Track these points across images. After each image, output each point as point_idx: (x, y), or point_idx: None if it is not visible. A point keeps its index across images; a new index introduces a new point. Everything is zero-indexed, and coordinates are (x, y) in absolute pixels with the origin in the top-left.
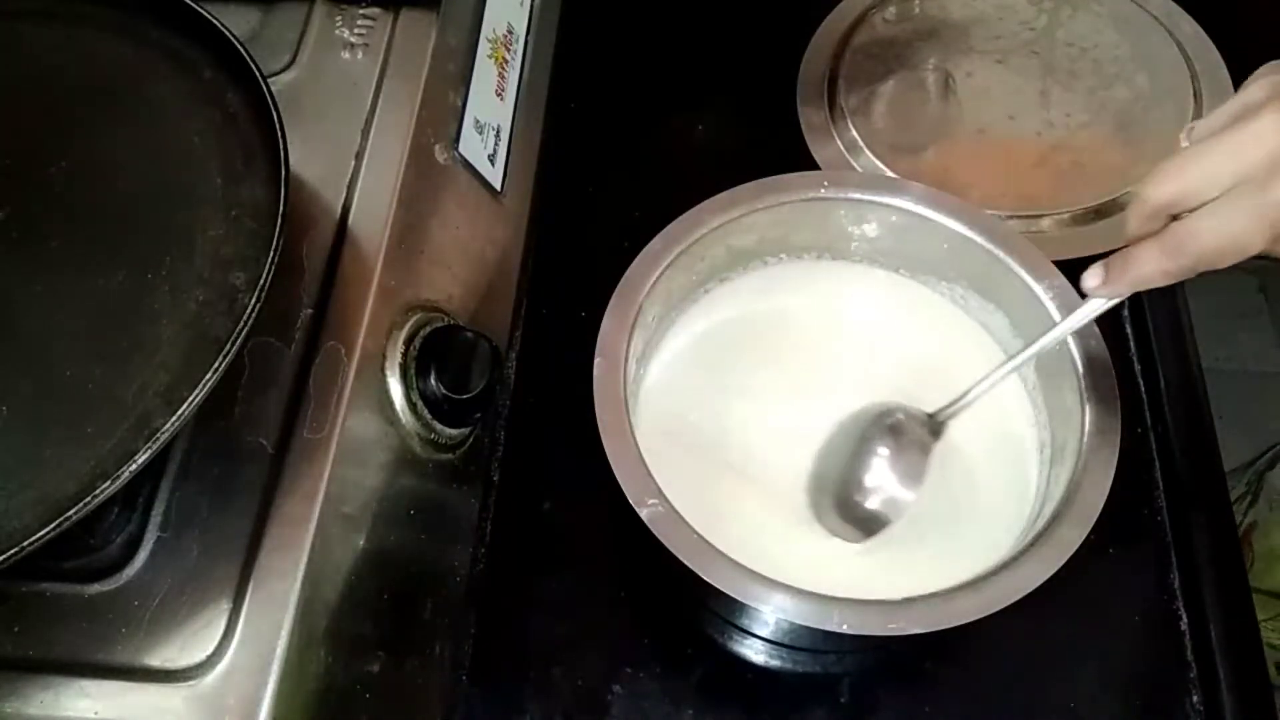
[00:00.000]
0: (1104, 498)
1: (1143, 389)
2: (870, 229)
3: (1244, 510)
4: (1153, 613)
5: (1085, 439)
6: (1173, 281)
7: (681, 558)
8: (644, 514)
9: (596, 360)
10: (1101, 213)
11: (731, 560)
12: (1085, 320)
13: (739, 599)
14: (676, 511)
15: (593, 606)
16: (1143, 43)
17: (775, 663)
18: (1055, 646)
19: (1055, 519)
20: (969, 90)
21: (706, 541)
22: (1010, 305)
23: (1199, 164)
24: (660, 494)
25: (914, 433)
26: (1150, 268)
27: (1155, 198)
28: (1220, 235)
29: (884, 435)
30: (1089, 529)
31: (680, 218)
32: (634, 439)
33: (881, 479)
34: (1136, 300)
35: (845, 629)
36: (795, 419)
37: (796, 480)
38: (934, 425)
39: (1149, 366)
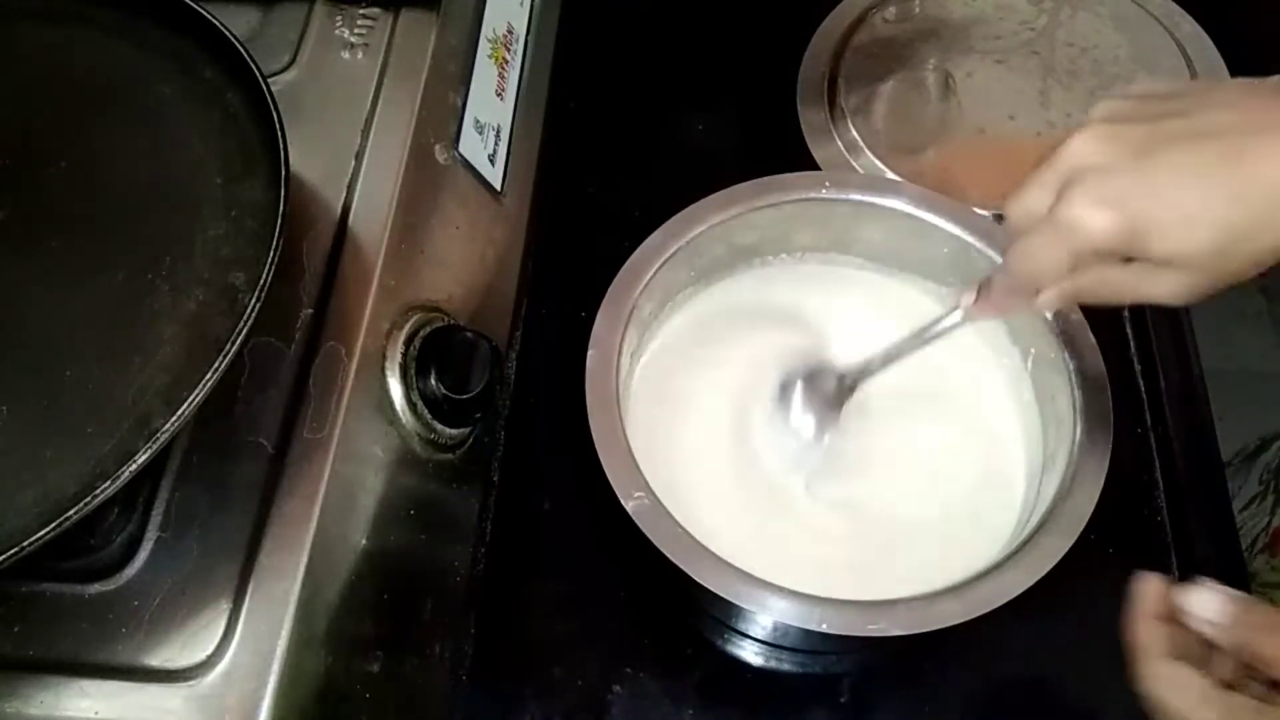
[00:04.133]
0: (1091, 508)
1: (1143, 389)
2: (871, 230)
3: (1270, 509)
4: None
5: (1076, 449)
6: (1019, 307)
7: (665, 551)
8: (630, 506)
9: (590, 353)
10: None
11: (715, 556)
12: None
13: (722, 595)
14: (662, 505)
15: (593, 606)
16: (1143, 43)
17: (775, 663)
18: (1055, 647)
19: (1042, 527)
20: (969, 90)
21: (691, 536)
22: None
23: (1023, 193)
24: (648, 488)
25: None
26: (997, 288)
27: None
28: (1022, 259)
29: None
30: (1074, 538)
31: (679, 214)
32: (624, 433)
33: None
34: None
35: (825, 628)
36: (785, 413)
37: (786, 470)
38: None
39: (1149, 366)
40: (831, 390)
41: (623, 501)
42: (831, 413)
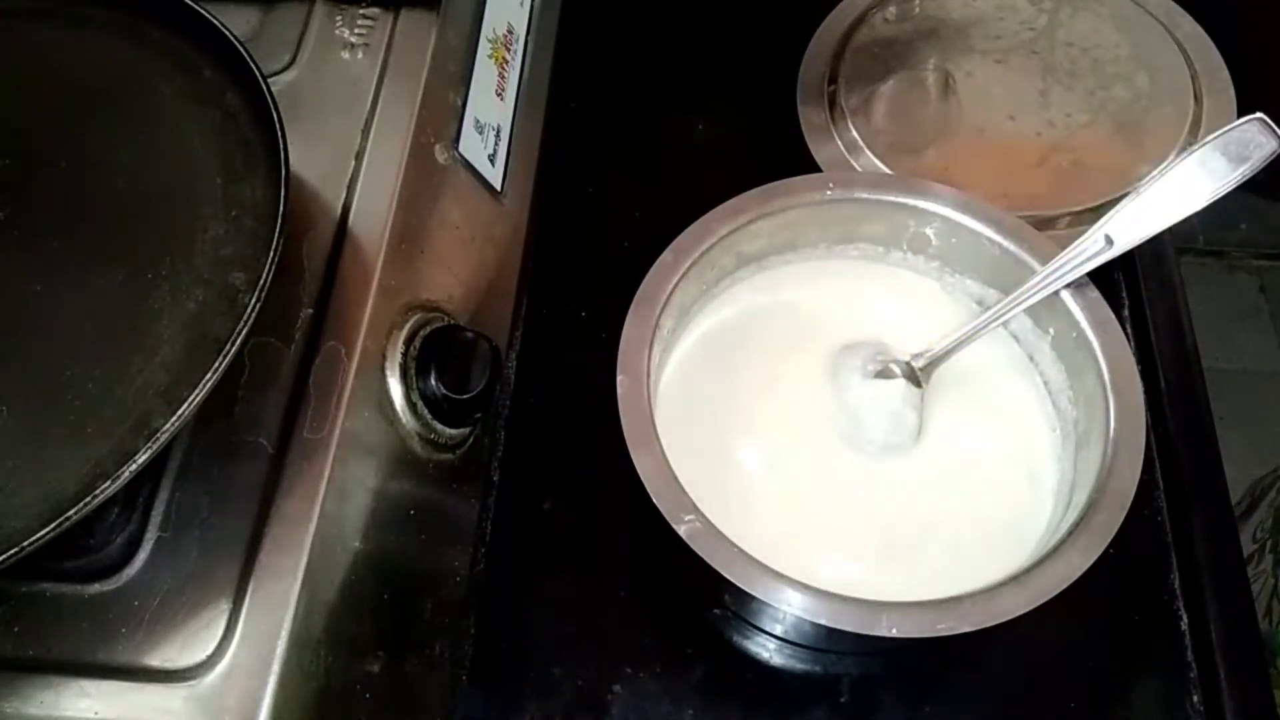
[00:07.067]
0: (1136, 481)
1: (1143, 389)
2: (877, 228)
3: (1271, 569)
4: (1153, 613)
5: (1112, 423)
6: None
7: (725, 573)
8: (682, 531)
9: (619, 379)
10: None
11: (774, 572)
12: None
13: (785, 609)
14: (714, 526)
15: (593, 606)
16: (1143, 43)
17: (776, 662)
18: (1054, 646)
19: (1091, 505)
20: (969, 90)
21: (749, 556)
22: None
23: None
24: (695, 509)
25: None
26: None
27: None
28: None
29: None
30: (1125, 512)
31: (690, 228)
32: (664, 455)
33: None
34: (1136, 300)
35: (894, 632)
36: (803, 407)
37: (810, 469)
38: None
39: (1149, 366)
40: (908, 375)
41: (674, 526)
42: (915, 395)
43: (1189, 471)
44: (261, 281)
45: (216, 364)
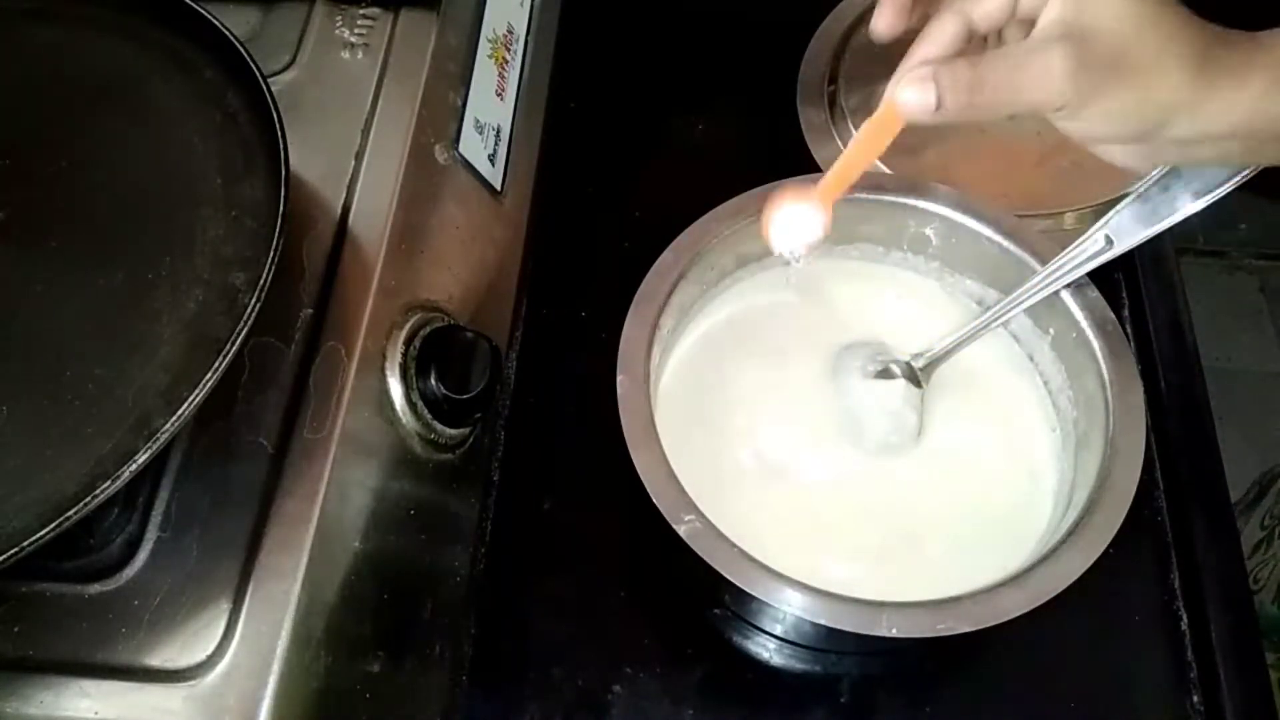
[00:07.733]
0: (1135, 481)
1: (1143, 389)
2: (877, 228)
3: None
4: (1153, 613)
5: (1112, 424)
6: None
7: (725, 573)
8: (682, 531)
9: (620, 379)
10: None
11: (774, 572)
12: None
13: (785, 609)
14: (714, 526)
15: (593, 606)
16: None
17: (776, 662)
18: (1054, 646)
19: (1090, 507)
20: None
21: (749, 556)
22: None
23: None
24: (695, 509)
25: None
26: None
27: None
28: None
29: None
30: (1124, 514)
31: (690, 228)
32: (664, 455)
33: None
34: (1136, 300)
35: (894, 632)
36: (803, 407)
37: (810, 468)
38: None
39: (1149, 366)
40: (908, 375)
41: (674, 526)
42: (915, 395)
43: (1189, 471)
44: (261, 281)
45: (216, 364)
